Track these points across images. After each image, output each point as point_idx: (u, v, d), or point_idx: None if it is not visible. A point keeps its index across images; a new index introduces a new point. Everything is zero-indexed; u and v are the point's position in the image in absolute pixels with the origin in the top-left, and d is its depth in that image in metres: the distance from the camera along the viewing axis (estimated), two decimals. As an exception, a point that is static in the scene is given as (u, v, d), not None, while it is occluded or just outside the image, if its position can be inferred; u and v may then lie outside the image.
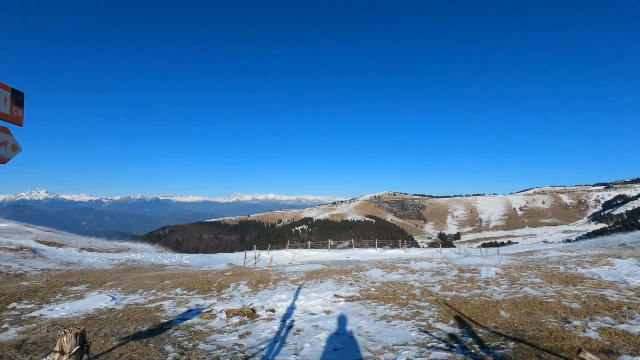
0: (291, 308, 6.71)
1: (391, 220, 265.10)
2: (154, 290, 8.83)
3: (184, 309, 7.05)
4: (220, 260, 23.17)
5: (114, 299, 8.08)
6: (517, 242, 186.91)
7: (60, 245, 18.68)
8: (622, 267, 7.44)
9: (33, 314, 7.03)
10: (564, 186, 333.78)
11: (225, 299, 7.89)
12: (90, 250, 19.40)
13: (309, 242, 33.34)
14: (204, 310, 6.85)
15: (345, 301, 6.80)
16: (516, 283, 6.78)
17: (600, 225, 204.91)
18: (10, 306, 7.59)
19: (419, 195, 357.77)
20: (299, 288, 8.24)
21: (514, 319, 4.71)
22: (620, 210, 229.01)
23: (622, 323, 3.98)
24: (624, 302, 4.89)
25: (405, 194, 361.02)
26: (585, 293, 5.57)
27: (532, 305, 5.16)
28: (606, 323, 4.06)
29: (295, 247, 36.08)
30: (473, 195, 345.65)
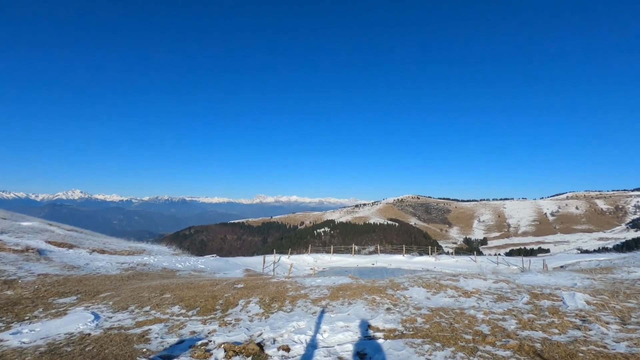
0: (311, 346, 4.99)
1: (415, 224, 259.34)
2: (147, 308, 7.34)
3: (173, 339, 5.49)
4: (238, 265, 21.79)
5: (97, 318, 6.65)
6: (548, 249, 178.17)
7: (71, 247, 17.81)
8: None
9: (-9, 338, 5.66)
10: (599, 191, 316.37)
11: (230, 323, 6.28)
12: (102, 252, 18.44)
13: (331, 247, 31.56)
14: (198, 344, 5.24)
15: (385, 337, 5.01)
16: (630, 322, 4.78)
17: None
18: (-27, 325, 6.29)
19: (443, 199, 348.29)
20: (322, 312, 6.52)
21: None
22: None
23: None
24: None
25: (429, 197, 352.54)
26: None
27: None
28: None
29: (317, 251, 34.38)
30: (501, 199, 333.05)
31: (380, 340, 4.89)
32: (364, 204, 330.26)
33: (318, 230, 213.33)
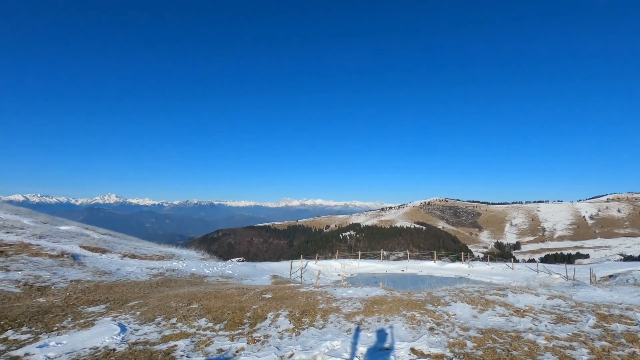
0: (350, 373, 4.49)
1: (443, 227, 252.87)
2: (174, 320, 7.07)
3: (200, 359, 5.14)
4: (265, 271, 21.58)
5: (123, 330, 6.43)
6: (587, 255, 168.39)
7: (104, 252, 18.17)
8: None
9: (18, 351, 5.53)
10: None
11: (259, 340, 5.87)
12: (133, 257, 18.71)
13: (359, 252, 30.84)
14: (226, 365, 4.86)
15: (432, 365, 4.41)
16: None
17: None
18: (3, 335, 6.23)
19: (473, 201, 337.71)
20: (357, 330, 5.99)
21: None
22: None
23: None
24: None
25: (457, 200, 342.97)
26: None
27: None
28: None
29: (344, 256, 33.75)
30: (534, 202, 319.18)
31: (428, 369, 4.31)
32: (390, 207, 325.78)
33: (344, 234, 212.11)
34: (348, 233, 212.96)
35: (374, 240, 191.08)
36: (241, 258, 34.71)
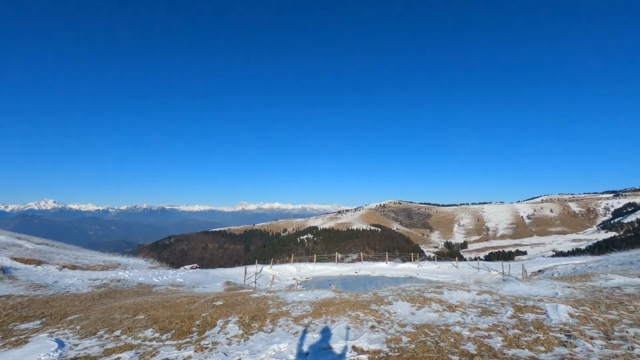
0: (293, 373, 4.74)
1: (397, 229, 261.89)
2: (118, 332, 6.88)
3: (144, 371, 5.11)
4: (218, 277, 21.18)
5: (61, 346, 6.16)
6: (525, 252, 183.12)
7: (39, 263, 16.84)
8: None
9: (-62, 376, 5.13)
10: (572, 194, 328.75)
11: (207, 347, 5.93)
12: (73, 267, 17.53)
13: (314, 256, 31.24)
14: (171, 374, 4.89)
15: (370, 361, 4.80)
16: (614, 336, 4.75)
17: (611, 234, 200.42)
18: None
19: (424, 203, 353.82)
20: (304, 332, 6.26)
21: None
22: (631, 218, 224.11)
23: None
24: None
25: (411, 202, 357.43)
26: None
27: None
28: None
29: (300, 260, 33.99)
30: (480, 203, 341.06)
31: (365, 364, 4.68)
32: (347, 210, 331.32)
33: (301, 237, 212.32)
34: (305, 236, 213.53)
35: (331, 243, 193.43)
36: (194, 265, 33.66)
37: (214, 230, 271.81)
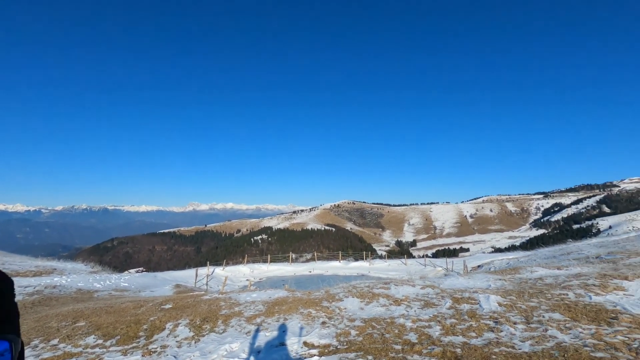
0: (245, 371, 4.81)
1: (350, 228, 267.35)
2: (55, 341, 6.47)
3: (87, 378, 4.90)
4: (167, 281, 20.35)
5: (-11, 359, 5.68)
6: (468, 249, 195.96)
7: (-42, 270, 15.06)
8: (638, 293, 6.39)
9: None
10: (508, 195, 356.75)
11: (155, 351, 5.79)
12: (0, 274, 15.90)
13: (268, 256, 31.07)
14: (117, 380, 4.74)
15: (320, 354, 5.02)
16: (533, 321, 5.40)
17: (541, 231, 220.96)
18: None
19: (377, 203, 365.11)
20: (257, 331, 6.34)
21: (575, 396, 3.22)
22: (557, 217, 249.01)
23: None
24: (702, 358, 3.59)
25: (364, 202, 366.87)
26: (635, 340, 4.26)
27: (583, 367, 3.71)
28: None
29: (254, 260, 33.63)
30: (428, 203, 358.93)
31: (315, 358, 4.89)
32: (302, 210, 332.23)
33: (255, 238, 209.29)
34: (260, 237, 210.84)
35: (286, 243, 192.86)
36: (140, 268, 31.96)
37: (162, 231, 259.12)
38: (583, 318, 5.29)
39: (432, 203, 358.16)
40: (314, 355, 5.02)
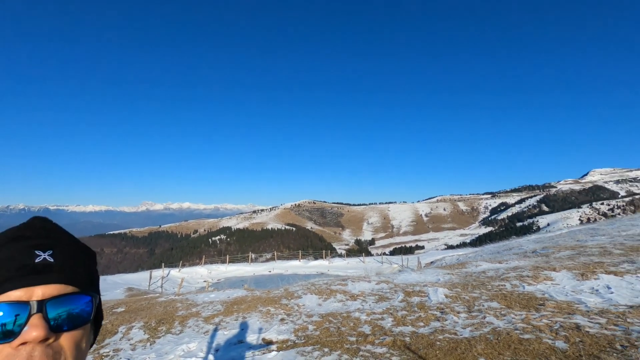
0: (203, 369, 4.84)
1: (311, 228, 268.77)
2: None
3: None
4: (118, 284, 19.40)
5: None
6: (423, 246, 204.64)
7: None
8: (562, 282, 7.20)
9: None
10: (460, 195, 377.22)
11: (107, 355, 5.62)
12: None
13: (227, 257, 30.56)
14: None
15: (278, 349, 5.17)
16: (474, 309, 5.92)
17: (489, 229, 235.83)
18: None
19: (337, 203, 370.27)
20: (215, 330, 6.35)
21: (504, 372, 3.65)
22: (503, 215, 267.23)
23: (642, 377, 3.13)
24: (607, 335, 4.21)
25: (324, 202, 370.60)
26: (556, 322, 4.86)
27: (512, 348, 4.20)
28: (621, 377, 3.19)
29: (212, 261, 32.90)
30: (386, 203, 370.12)
31: (274, 353, 5.03)
32: (262, 210, 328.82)
33: (213, 238, 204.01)
34: (218, 237, 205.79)
35: (245, 243, 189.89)
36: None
37: (111, 232, 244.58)
38: (516, 305, 5.90)
39: (390, 202, 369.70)
40: (272, 350, 5.16)
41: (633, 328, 4.34)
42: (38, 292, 0.60)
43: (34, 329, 0.59)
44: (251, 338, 5.74)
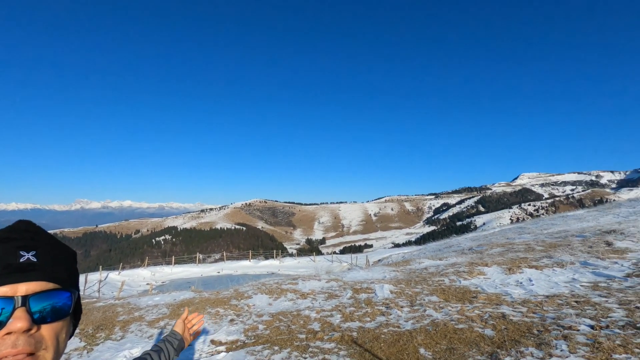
0: (147, 374, 4.68)
1: (262, 227, 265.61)
2: None
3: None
4: (47, 289, 17.70)
5: None
6: (372, 245, 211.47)
7: None
8: (493, 276, 7.94)
9: None
10: (407, 195, 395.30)
11: (37, 367, 5.18)
12: None
13: (173, 258, 29.23)
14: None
15: (227, 350, 5.14)
16: (416, 304, 6.34)
17: (432, 228, 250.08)
18: None
19: (289, 202, 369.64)
20: (160, 334, 6.13)
21: (440, 359, 3.99)
22: (445, 215, 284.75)
23: (551, 356, 3.62)
24: (527, 322, 4.76)
25: (276, 201, 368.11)
26: (486, 312, 5.38)
27: (448, 337, 4.58)
28: (536, 357, 3.66)
29: (157, 263, 31.27)
30: (337, 202, 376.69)
31: (222, 354, 4.99)
32: (211, 209, 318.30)
33: (157, 239, 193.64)
34: (163, 237, 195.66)
35: (192, 243, 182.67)
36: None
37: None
38: (453, 298, 6.41)
39: (341, 202, 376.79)
40: (222, 351, 5.12)
41: (548, 315, 4.95)
42: (22, 288, 0.67)
43: (18, 321, 0.66)
44: (199, 340, 5.62)
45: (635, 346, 3.53)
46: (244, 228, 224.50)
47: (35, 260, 0.68)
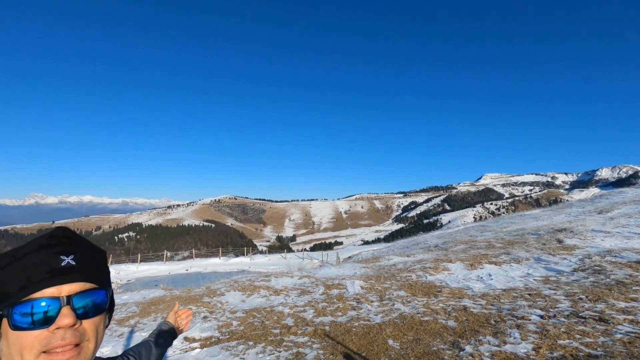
0: (120, 372, 4.65)
1: (231, 224, 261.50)
2: None
3: None
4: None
5: None
6: (342, 242, 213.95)
7: None
8: (456, 272, 8.43)
9: None
10: (377, 193, 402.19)
11: (-1, 369, 5.00)
12: None
13: (138, 256, 28.30)
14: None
15: (202, 347, 5.19)
16: (385, 298, 6.65)
17: (401, 225, 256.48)
18: None
19: (259, 199, 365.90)
20: (131, 333, 6.06)
21: (407, 349, 4.28)
22: (413, 213, 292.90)
23: (505, 343, 3.99)
24: (485, 314, 5.16)
25: (246, 198, 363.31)
26: (450, 305, 5.76)
27: (414, 328, 4.90)
28: (492, 345, 4.01)
29: (120, 261, 30.13)
30: (308, 200, 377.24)
31: (197, 350, 5.05)
32: (178, 205, 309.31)
33: (120, 236, 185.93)
34: (126, 234, 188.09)
35: (158, 240, 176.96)
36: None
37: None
38: (419, 293, 6.78)
39: (312, 200, 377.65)
40: (196, 348, 5.16)
41: (504, 307, 5.39)
42: (65, 289, 0.79)
43: (65, 318, 0.76)
44: (172, 338, 5.63)
45: (577, 332, 3.99)
46: (213, 225, 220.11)
47: (74, 263, 0.80)
